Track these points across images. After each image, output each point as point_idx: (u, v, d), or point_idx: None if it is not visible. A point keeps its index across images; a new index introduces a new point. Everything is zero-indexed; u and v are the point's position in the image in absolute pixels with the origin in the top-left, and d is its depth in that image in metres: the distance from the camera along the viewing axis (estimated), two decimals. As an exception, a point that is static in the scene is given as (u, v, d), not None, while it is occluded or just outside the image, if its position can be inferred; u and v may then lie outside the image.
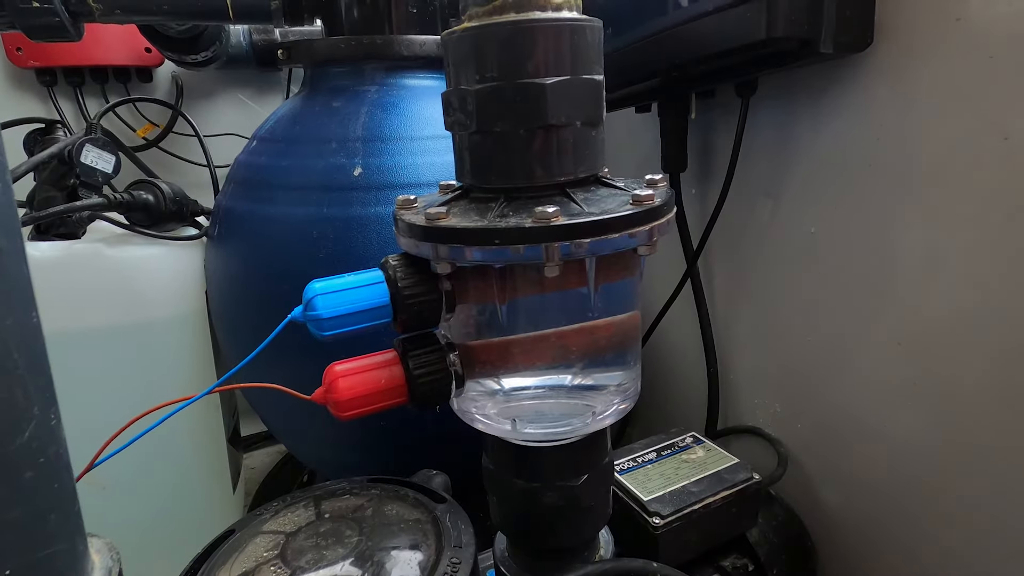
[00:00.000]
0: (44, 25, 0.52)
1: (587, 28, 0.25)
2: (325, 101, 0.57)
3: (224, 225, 0.58)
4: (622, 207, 0.24)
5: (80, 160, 0.58)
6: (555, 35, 0.24)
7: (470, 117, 0.25)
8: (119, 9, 0.54)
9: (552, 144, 0.25)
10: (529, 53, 0.24)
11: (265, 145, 0.57)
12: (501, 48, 0.24)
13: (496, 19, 0.24)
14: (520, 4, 0.24)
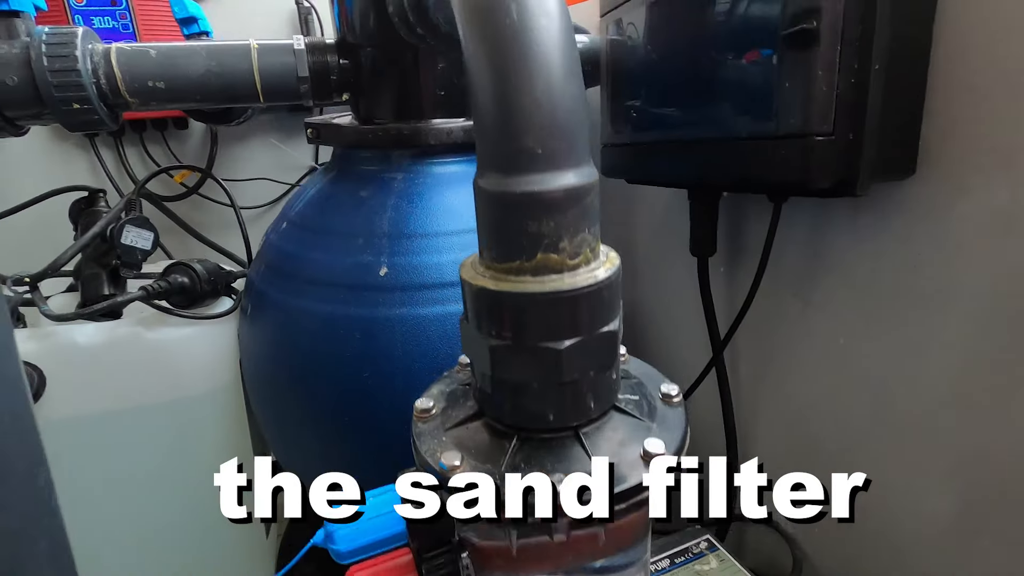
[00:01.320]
0: (84, 121, 0.53)
1: (603, 288, 0.24)
2: (352, 189, 0.58)
3: (256, 306, 0.60)
4: (632, 467, 0.25)
5: (121, 242, 0.60)
6: (571, 303, 0.24)
7: (485, 364, 0.26)
8: (154, 101, 0.55)
9: (566, 395, 0.26)
10: (544, 320, 0.24)
11: (295, 231, 0.59)
12: (516, 315, 0.24)
13: (512, 281, 0.24)
14: (537, 267, 0.24)
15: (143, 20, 0.77)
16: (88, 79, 0.51)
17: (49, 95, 0.51)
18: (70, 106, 0.52)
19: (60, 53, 0.50)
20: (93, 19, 0.75)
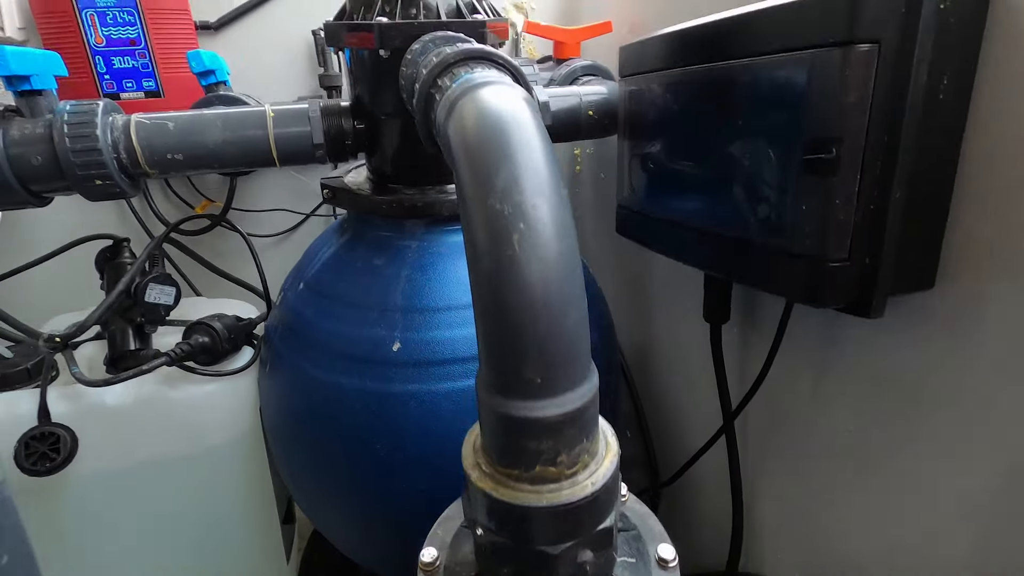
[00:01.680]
0: (105, 193, 0.54)
1: (600, 493, 0.25)
2: (367, 256, 0.58)
3: (273, 364, 0.61)
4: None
5: (144, 300, 0.62)
6: (567, 513, 0.25)
7: (484, 557, 0.27)
8: (172, 170, 0.56)
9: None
10: (541, 529, 0.25)
11: (311, 295, 0.60)
12: (514, 522, 0.25)
13: (512, 488, 0.25)
14: (535, 478, 0.25)
15: (162, 59, 0.77)
16: (109, 155, 0.52)
17: (72, 172, 0.52)
18: (92, 182, 0.53)
19: (82, 132, 0.51)
20: (113, 59, 0.75)
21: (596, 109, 0.66)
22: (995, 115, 0.37)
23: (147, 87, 0.77)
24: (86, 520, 0.59)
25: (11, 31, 0.71)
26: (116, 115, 0.54)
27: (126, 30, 0.75)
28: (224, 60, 0.71)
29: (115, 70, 0.76)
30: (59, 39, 0.74)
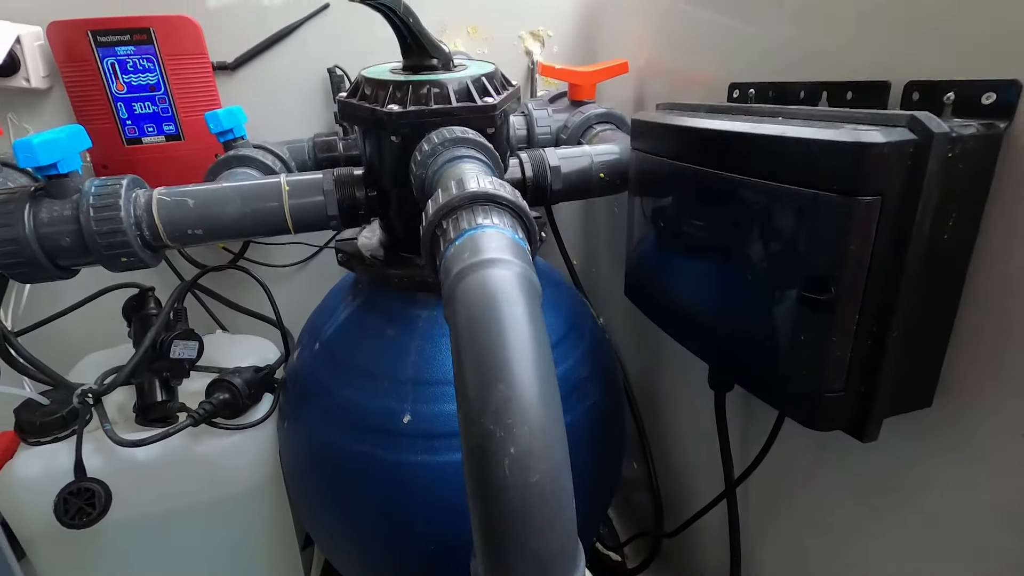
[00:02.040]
0: (128, 266, 0.57)
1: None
2: (379, 324, 0.60)
3: (291, 424, 0.64)
4: None
5: (169, 356, 0.65)
6: None
7: None
8: (193, 242, 0.58)
9: None
10: None
11: (327, 358, 0.62)
12: None
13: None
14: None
15: (181, 103, 0.78)
16: (132, 234, 0.54)
17: (97, 250, 0.54)
18: (117, 259, 0.55)
19: (106, 215, 0.53)
20: (134, 104, 0.77)
21: (608, 171, 0.66)
22: (1003, 254, 0.36)
23: (167, 131, 0.79)
24: (119, 562, 0.64)
25: (36, 81, 0.73)
26: (139, 191, 0.56)
27: (146, 76, 0.76)
28: (242, 109, 0.72)
29: (136, 116, 0.78)
30: (82, 87, 0.75)
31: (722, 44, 0.64)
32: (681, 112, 0.55)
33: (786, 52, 0.54)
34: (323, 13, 0.84)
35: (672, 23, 0.74)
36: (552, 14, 0.94)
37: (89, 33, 0.73)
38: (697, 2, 0.67)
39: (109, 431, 0.61)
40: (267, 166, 0.68)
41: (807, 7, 0.51)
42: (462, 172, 0.41)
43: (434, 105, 0.52)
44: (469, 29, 0.91)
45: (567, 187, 0.65)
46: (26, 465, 0.61)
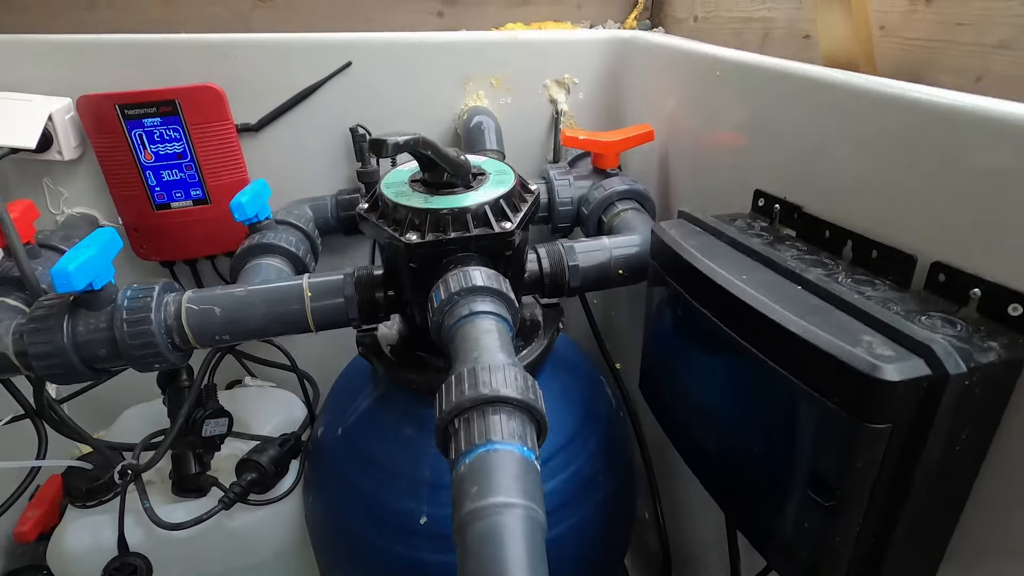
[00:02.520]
0: (157, 368, 0.59)
1: None
2: (398, 423, 0.62)
3: (315, 499, 0.68)
4: None
5: (201, 436, 0.68)
6: None
7: None
8: (220, 345, 0.60)
9: None
10: None
11: (348, 449, 0.64)
12: None
13: None
14: None
15: (207, 169, 0.79)
16: (163, 342, 0.56)
17: (130, 357, 0.56)
18: (149, 364, 0.58)
19: (139, 329, 0.55)
20: (163, 172, 0.78)
21: (627, 267, 0.65)
22: (1013, 465, 0.36)
23: (195, 195, 0.81)
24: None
25: (69, 154, 0.75)
26: (169, 298, 0.58)
27: (172, 145, 0.77)
28: (266, 183, 0.72)
29: (164, 182, 0.79)
30: (111, 157, 0.77)
31: (750, 140, 0.62)
32: (703, 235, 0.54)
33: (814, 178, 0.53)
34: (345, 72, 0.83)
35: (700, 92, 0.71)
36: (578, 63, 0.91)
37: (117, 107, 0.74)
38: (728, 81, 0.65)
39: (148, 510, 0.65)
40: (291, 252, 0.69)
41: (838, 154, 0.50)
42: (477, 344, 0.42)
43: (452, 234, 0.52)
44: (493, 80, 0.89)
45: (585, 283, 0.65)
46: (75, 538, 0.66)
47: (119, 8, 0.83)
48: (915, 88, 0.42)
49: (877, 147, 0.45)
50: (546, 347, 0.64)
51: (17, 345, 0.56)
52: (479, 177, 0.58)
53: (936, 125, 0.40)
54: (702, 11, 0.87)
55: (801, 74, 0.54)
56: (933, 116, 0.41)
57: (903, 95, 0.43)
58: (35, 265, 0.66)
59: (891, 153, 0.44)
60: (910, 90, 0.43)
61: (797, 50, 0.68)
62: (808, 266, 0.46)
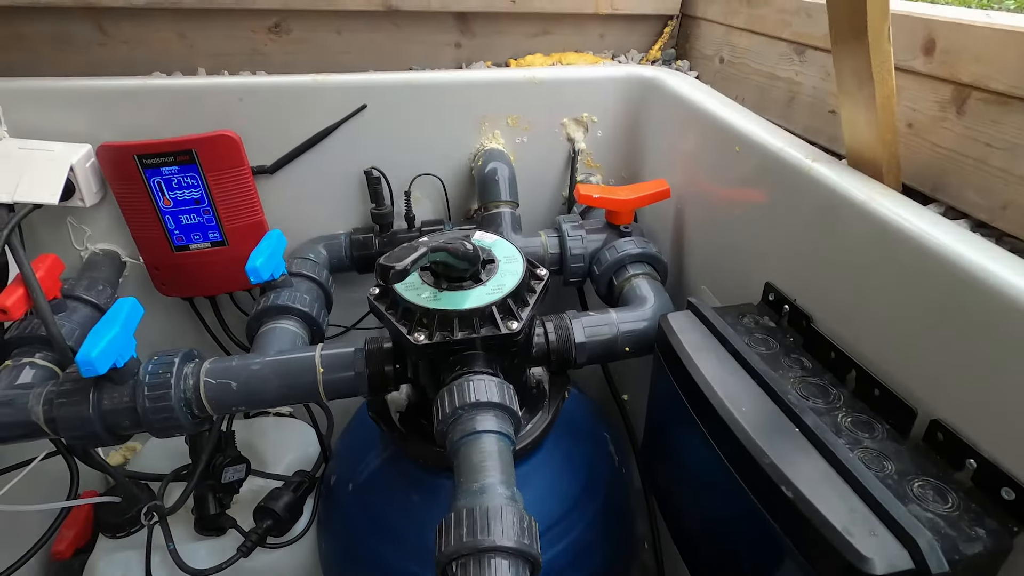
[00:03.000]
0: (174, 434, 0.62)
1: None
2: (405, 487, 0.65)
3: (327, 543, 0.72)
4: None
5: (221, 482, 0.72)
6: None
7: None
8: (234, 413, 0.63)
9: None
10: None
11: (358, 502, 0.68)
12: None
13: None
14: None
15: (224, 213, 0.80)
16: (182, 412, 0.59)
17: (150, 426, 0.59)
18: (169, 432, 0.61)
19: (160, 404, 0.58)
20: (181, 217, 0.79)
21: (633, 344, 0.66)
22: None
23: (212, 238, 0.82)
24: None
25: (90, 200, 0.76)
26: (189, 369, 0.60)
27: (190, 191, 0.78)
28: (282, 235, 0.73)
29: (183, 226, 0.80)
30: (131, 202, 0.78)
31: (764, 228, 0.62)
32: (708, 338, 0.54)
33: (826, 291, 0.52)
34: (360, 114, 0.82)
35: (717, 160, 0.70)
36: (597, 101, 0.89)
37: (136, 157, 0.74)
38: (747, 160, 0.63)
39: (173, 552, 0.70)
40: (304, 313, 0.70)
41: (852, 275, 0.49)
42: (479, 472, 0.44)
43: (459, 335, 0.53)
44: (509, 120, 0.87)
45: (591, 358, 0.66)
46: (107, 572, 0.71)
47: (134, 44, 0.82)
48: (937, 233, 0.41)
49: (891, 281, 0.45)
50: (550, 421, 0.65)
51: (47, 414, 0.59)
52: (488, 266, 0.58)
53: (953, 278, 0.40)
54: (729, 54, 0.84)
55: (822, 181, 0.52)
56: (952, 270, 0.40)
57: (923, 240, 0.42)
58: (61, 321, 0.69)
59: (905, 292, 0.44)
60: (932, 236, 0.41)
61: (823, 123, 0.66)
62: (810, 395, 0.47)
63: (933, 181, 0.53)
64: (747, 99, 0.80)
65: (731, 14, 0.82)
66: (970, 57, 0.48)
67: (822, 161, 0.54)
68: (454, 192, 0.91)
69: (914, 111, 0.54)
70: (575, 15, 0.91)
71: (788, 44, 0.71)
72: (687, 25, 0.94)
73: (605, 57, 0.96)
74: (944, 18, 0.50)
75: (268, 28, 0.85)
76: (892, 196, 0.47)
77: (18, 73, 0.82)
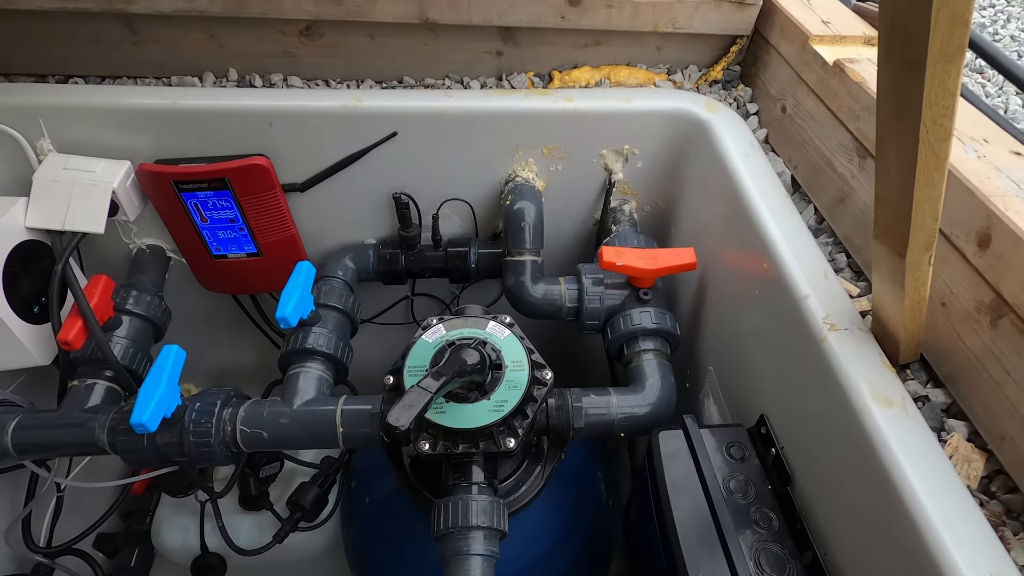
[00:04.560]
0: (214, 465, 0.72)
1: None
2: (411, 520, 0.75)
3: (346, 538, 0.85)
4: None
5: (259, 476, 0.84)
6: None
7: None
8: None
9: None
10: None
11: (372, 519, 0.79)
12: None
13: None
14: None
15: (258, 230, 0.83)
16: (220, 451, 0.68)
17: (194, 459, 0.69)
18: (208, 463, 0.71)
19: (202, 450, 0.67)
20: (218, 232, 0.82)
21: (628, 429, 0.70)
22: None
23: (248, 250, 0.86)
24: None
25: (133, 215, 0.79)
26: (227, 415, 0.68)
27: (224, 212, 0.80)
28: (312, 268, 0.76)
29: (220, 239, 0.84)
30: (171, 217, 0.81)
31: (771, 359, 0.62)
32: (691, 471, 0.58)
33: (813, 456, 0.54)
34: (391, 140, 0.80)
35: (744, 257, 0.68)
36: (640, 133, 0.83)
37: (172, 182, 0.76)
38: (771, 289, 0.62)
39: (222, 529, 0.84)
40: (330, 355, 0.76)
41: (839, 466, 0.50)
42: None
43: (460, 447, 0.58)
44: (544, 150, 0.83)
45: (587, 436, 0.70)
46: (170, 535, 0.87)
47: (166, 44, 0.79)
48: (914, 483, 0.43)
49: (866, 488, 0.47)
50: (543, 484, 0.72)
51: (110, 440, 0.69)
52: (495, 374, 0.61)
53: (917, 535, 0.42)
54: (793, 107, 0.75)
55: (829, 357, 0.52)
56: (917, 527, 0.42)
57: (897, 481, 0.43)
58: (117, 339, 0.76)
59: (875, 510, 0.46)
60: (910, 484, 0.43)
61: (864, 242, 0.62)
62: (766, 566, 0.51)
63: (948, 369, 0.52)
64: (799, 168, 0.74)
65: (803, 65, 0.73)
66: (1018, 277, 0.45)
67: (840, 332, 0.53)
68: (482, 213, 0.90)
69: (952, 294, 0.51)
70: (630, 32, 0.82)
71: (852, 139, 0.64)
72: (757, 46, 0.84)
73: (659, 73, 0.87)
74: (1007, 217, 0.46)
75: (299, 32, 0.80)
76: (892, 409, 0.47)
77: (53, 69, 0.81)
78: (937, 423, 0.51)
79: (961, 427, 0.50)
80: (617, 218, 0.90)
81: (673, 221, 0.91)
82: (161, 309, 0.83)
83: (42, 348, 0.75)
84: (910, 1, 0.29)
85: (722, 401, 0.74)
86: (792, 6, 0.78)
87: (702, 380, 0.79)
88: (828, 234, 0.68)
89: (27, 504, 0.78)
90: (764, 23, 0.82)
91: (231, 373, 1.18)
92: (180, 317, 0.98)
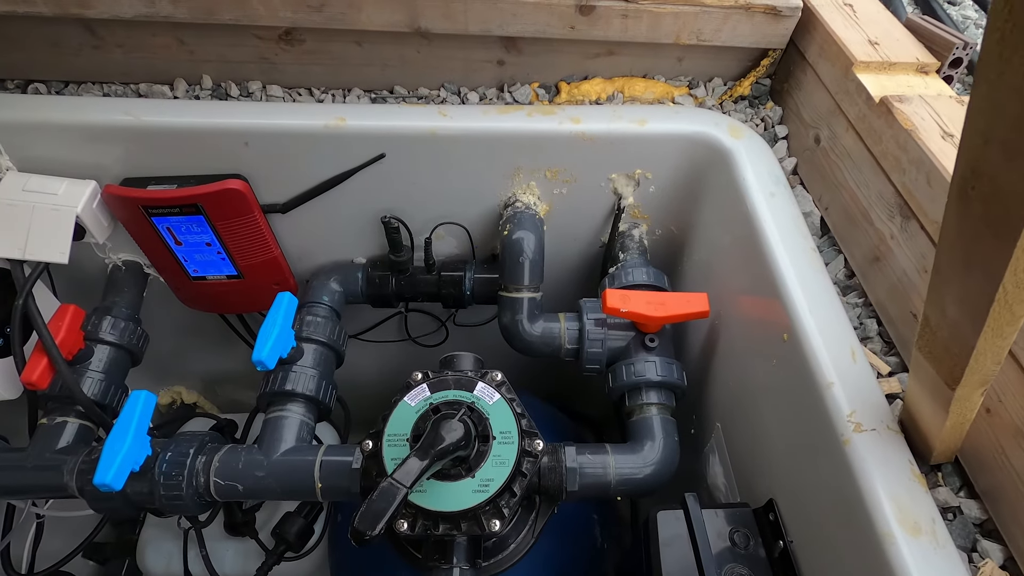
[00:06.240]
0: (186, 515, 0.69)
1: None
2: (395, 567, 0.72)
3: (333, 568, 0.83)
4: None
5: (242, 508, 0.81)
6: None
7: None
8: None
9: None
10: None
11: (355, 557, 0.76)
12: None
13: None
14: None
15: (236, 253, 0.77)
16: (192, 502, 0.65)
17: (163, 508, 0.66)
18: (178, 513, 0.67)
19: (174, 503, 0.64)
20: (195, 255, 0.77)
21: (626, 492, 0.66)
22: None
23: (227, 272, 0.80)
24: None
25: (102, 237, 0.73)
26: (200, 465, 0.65)
27: (199, 236, 0.74)
28: (292, 300, 0.70)
29: (198, 261, 0.78)
30: (143, 240, 0.75)
31: (782, 446, 0.56)
32: (687, 555, 0.54)
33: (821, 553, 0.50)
34: (379, 161, 0.73)
35: (760, 313, 0.61)
36: (653, 158, 0.75)
37: (141, 207, 0.70)
38: (790, 360, 0.56)
39: (205, 557, 0.82)
40: (311, 399, 0.71)
41: None
42: None
43: (440, 529, 0.54)
44: (547, 173, 0.76)
45: (581, 498, 0.66)
46: (154, 559, 0.85)
47: (131, 49, 0.71)
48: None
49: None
50: (534, 542, 0.68)
51: (79, 484, 0.66)
52: (482, 447, 0.56)
53: None
54: (828, 140, 0.67)
55: (851, 459, 0.46)
56: None
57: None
58: (89, 375, 0.72)
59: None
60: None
61: (898, 314, 0.55)
62: None
63: (987, 483, 0.46)
64: (830, 211, 0.66)
65: (844, 94, 0.64)
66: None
67: (866, 434, 0.47)
68: (479, 235, 0.84)
69: (1000, 403, 0.45)
70: (647, 43, 0.73)
71: (895, 193, 0.56)
72: (792, 60, 0.74)
73: (679, 87, 0.78)
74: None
75: (278, 37, 0.71)
76: (920, 538, 0.42)
77: (11, 74, 0.74)
78: (969, 542, 0.45)
79: (996, 551, 0.44)
80: (626, 244, 0.82)
81: (686, 249, 0.84)
82: (137, 335, 0.78)
83: (9, 383, 0.71)
84: (1007, 152, 0.22)
85: (728, 463, 0.68)
86: (835, 19, 0.68)
87: (708, 433, 0.74)
88: (858, 293, 0.61)
89: (5, 535, 0.76)
90: (801, 35, 0.72)
91: (222, 378, 1.15)
92: (168, 324, 0.94)
